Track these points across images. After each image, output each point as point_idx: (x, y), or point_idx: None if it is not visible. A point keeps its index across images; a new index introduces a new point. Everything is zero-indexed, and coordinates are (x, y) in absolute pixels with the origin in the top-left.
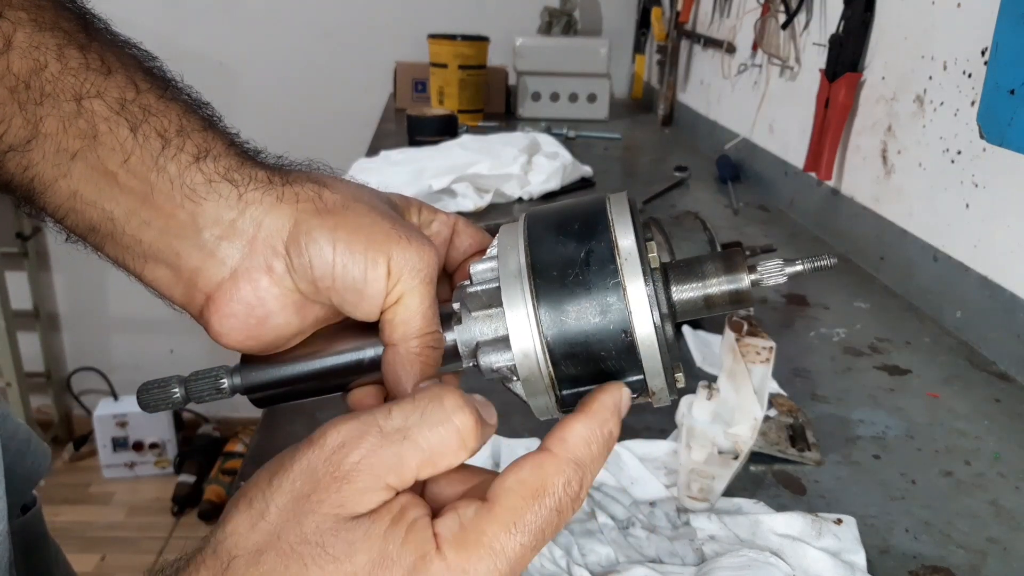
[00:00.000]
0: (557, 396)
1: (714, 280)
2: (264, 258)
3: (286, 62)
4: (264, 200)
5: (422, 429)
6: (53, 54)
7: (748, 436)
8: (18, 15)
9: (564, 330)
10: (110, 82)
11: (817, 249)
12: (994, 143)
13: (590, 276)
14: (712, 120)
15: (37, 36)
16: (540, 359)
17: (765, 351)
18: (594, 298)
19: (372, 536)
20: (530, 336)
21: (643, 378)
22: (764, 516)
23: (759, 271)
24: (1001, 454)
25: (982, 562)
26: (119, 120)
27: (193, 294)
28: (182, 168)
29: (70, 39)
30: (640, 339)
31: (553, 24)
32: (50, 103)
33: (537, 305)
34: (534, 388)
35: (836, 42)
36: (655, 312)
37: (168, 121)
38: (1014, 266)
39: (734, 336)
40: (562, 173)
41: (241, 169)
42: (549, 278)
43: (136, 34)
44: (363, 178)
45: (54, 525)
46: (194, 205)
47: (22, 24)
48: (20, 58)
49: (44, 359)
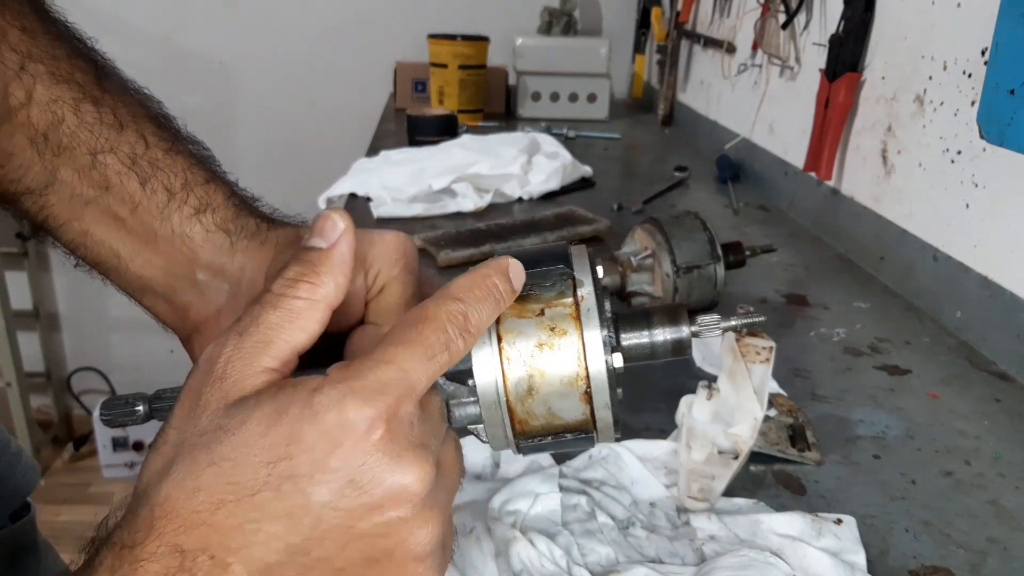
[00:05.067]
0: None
1: (659, 330)
2: (246, 299)
3: (286, 62)
4: (250, 247)
5: (266, 311)
6: (70, 108)
7: (748, 436)
8: (37, 67)
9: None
10: (122, 137)
11: (816, 249)
12: (994, 143)
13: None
14: (712, 120)
15: (55, 89)
16: (510, 441)
17: (765, 351)
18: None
19: (262, 401)
20: (503, 434)
21: (591, 413)
22: (764, 516)
23: (698, 324)
24: (1001, 454)
25: (982, 562)
26: (130, 174)
27: (184, 323)
28: (184, 219)
29: (84, 92)
30: (592, 375)
31: (553, 24)
32: (67, 155)
33: (512, 414)
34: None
35: (836, 42)
36: (607, 353)
37: (174, 175)
38: (1014, 266)
39: (734, 336)
40: (562, 173)
41: (236, 220)
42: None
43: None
44: (363, 178)
45: (54, 525)
46: (192, 252)
47: (41, 77)
48: (40, 111)
49: (44, 359)
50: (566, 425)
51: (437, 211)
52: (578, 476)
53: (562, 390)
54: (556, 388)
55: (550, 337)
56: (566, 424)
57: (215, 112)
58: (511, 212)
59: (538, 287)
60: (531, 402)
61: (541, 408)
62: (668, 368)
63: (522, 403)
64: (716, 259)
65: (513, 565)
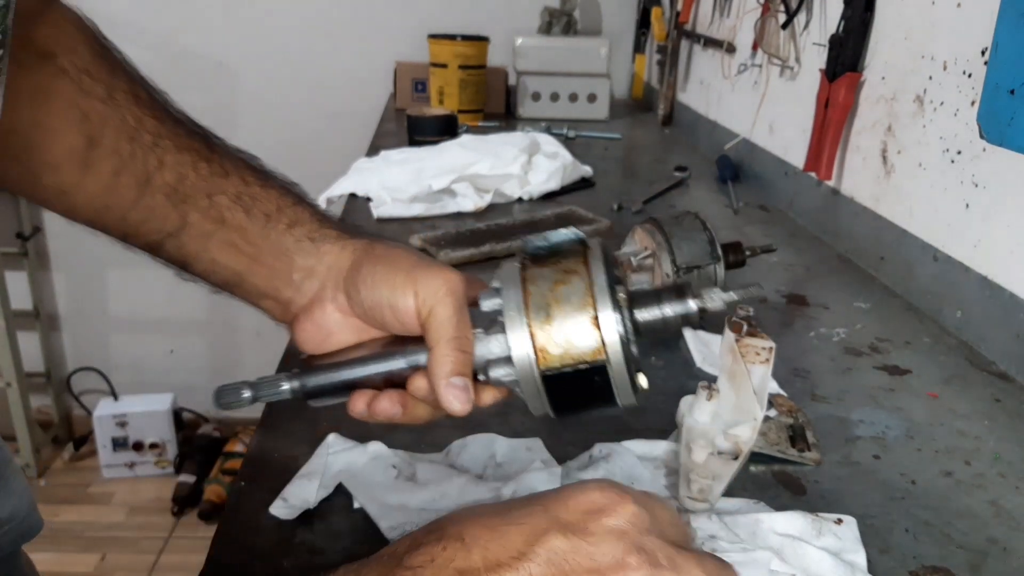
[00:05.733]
0: (548, 398)
1: (668, 306)
2: (331, 291)
3: (286, 62)
4: (332, 251)
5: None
6: (190, 167)
7: (748, 436)
8: (165, 143)
9: (554, 356)
10: (228, 182)
11: (816, 249)
12: (994, 143)
13: (572, 304)
14: (712, 120)
15: (179, 155)
16: (535, 372)
17: (765, 351)
18: (577, 321)
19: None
20: (527, 355)
21: (612, 388)
22: (764, 516)
23: (703, 298)
24: (1001, 454)
25: (982, 562)
26: (236, 208)
27: (287, 315)
28: (279, 235)
29: (199, 155)
30: (612, 359)
31: (553, 24)
32: (191, 201)
33: (534, 340)
34: (530, 392)
35: (836, 42)
36: (622, 333)
37: (269, 203)
38: (1014, 266)
39: (734, 336)
40: (562, 173)
41: (319, 231)
42: (542, 318)
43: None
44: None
45: (54, 525)
46: (288, 259)
47: (169, 149)
48: (170, 172)
49: (44, 359)
50: (582, 354)
51: (437, 211)
52: (579, 476)
53: (574, 315)
54: (568, 313)
55: (564, 276)
56: (582, 352)
57: (215, 112)
58: (511, 212)
59: (556, 254)
60: (549, 328)
61: (558, 333)
62: (668, 368)
63: (541, 327)
64: (716, 259)
65: None
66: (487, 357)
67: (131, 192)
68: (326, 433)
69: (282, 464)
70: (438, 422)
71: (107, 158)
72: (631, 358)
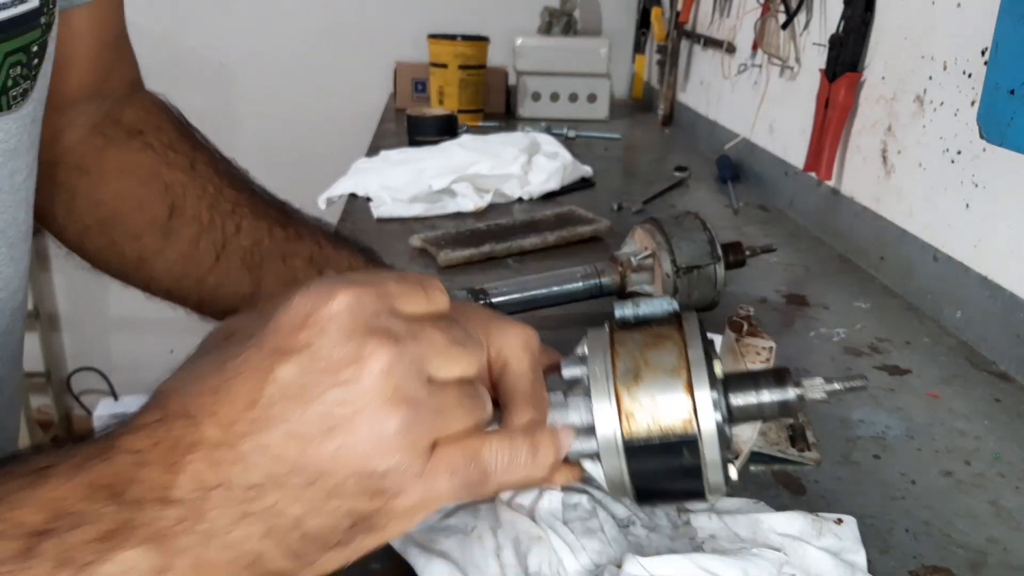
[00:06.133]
0: (630, 473)
1: (766, 392)
2: None
3: (286, 62)
4: None
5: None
6: (265, 233)
7: (748, 436)
8: (243, 210)
9: (641, 425)
10: (301, 244)
11: (816, 249)
12: (994, 143)
13: (664, 380)
14: (712, 120)
15: (255, 222)
16: (618, 439)
17: (765, 351)
18: (668, 385)
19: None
20: (611, 420)
21: (702, 470)
22: (764, 515)
23: (803, 387)
24: (1001, 454)
25: (982, 562)
26: (311, 268)
27: None
28: None
29: (275, 221)
30: (704, 434)
31: (553, 24)
32: (267, 264)
33: (620, 402)
34: (611, 465)
35: (836, 42)
36: (718, 412)
37: (342, 262)
38: (1014, 266)
39: (734, 336)
40: (562, 173)
41: None
42: (629, 380)
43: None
44: (363, 178)
45: None
46: None
47: (246, 215)
48: (247, 237)
49: (44, 359)
50: (672, 425)
51: (437, 211)
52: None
53: (665, 379)
54: (659, 377)
55: (656, 340)
56: (672, 424)
57: (215, 112)
58: (511, 212)
59: (649, 321)
60: (636, 390)
61: (646, 397)
62: None
63: (628, 390)
64: (716, 259)
65: (530, 564)
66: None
67: (209, 258)
68: None
69: None
70: None
71: (187, 225)
72: (725, 438)
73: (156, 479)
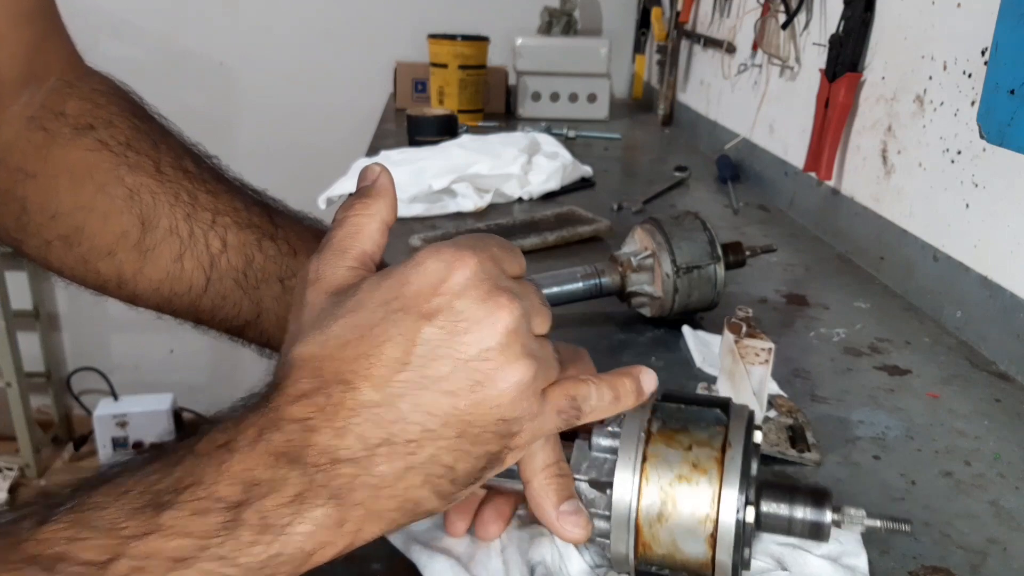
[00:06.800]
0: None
1: (800, 508)
2: None
3: (286, 62)
4: None
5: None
6: (255, 247)
7: None
8: (225, 219)
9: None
10: (298, 261)
11: (816, 249)
12: (994, 143)
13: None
14: (712, 120)
15: (242, 235)
16: (630, 560)
17: (764, 352)
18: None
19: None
20: (625, 552)
21: (712, 560)
22: None
23: (842, 513)
24: (1001, 454)
25: (982, 562)
26: None
27: None
28: None
29: (263, 232)
30: (721, 524)
31: (553, 24)
32: (264, 286)
33: (639, 534)
34: (618, 558)
35: (836, 42)
36: (742, 508)
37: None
38: (1014, 266)
39: (733, 338)
40: (562, 173)
41: None
42: (652, 516)
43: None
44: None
45: None
46: None
47: (229, 227)
48: (235, 255)
49: (44, 359)
50: (686, 562)
51: (437, 211)
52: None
53: (690, 526)
54: (685, 522)
55: (691, 472)
56: (686, 561)
57: (215, 112)
58: (511, 212)
59: (692, 424)
60: (659, 528)
61: (667, 537)
62: (668, 368)
63: (650, 526)
64: (716, 259)
65: (532, 557)
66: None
67: (199, 279)
68: None
69: None
70: None
71: (166, 241)
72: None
73: (327, 442)
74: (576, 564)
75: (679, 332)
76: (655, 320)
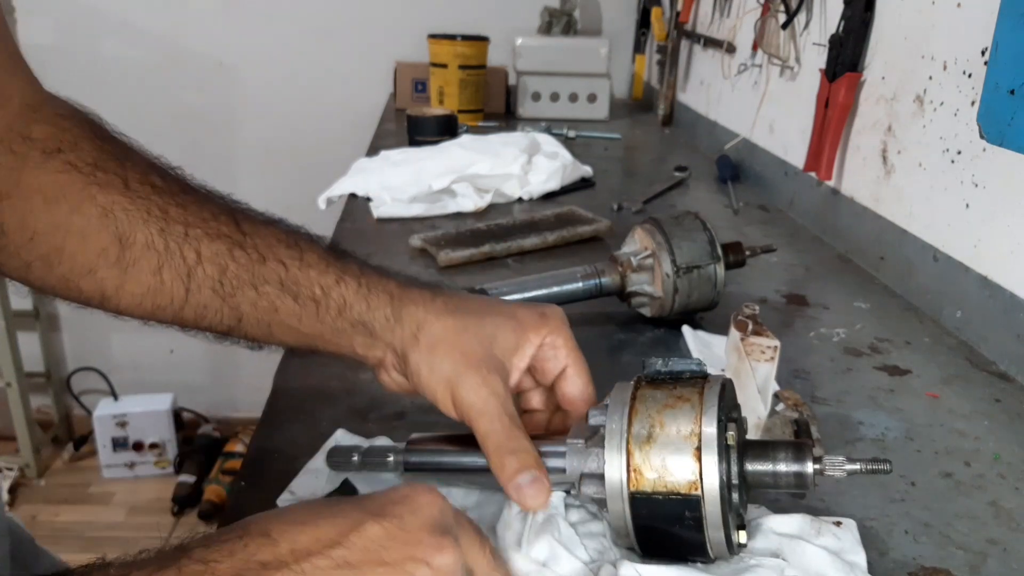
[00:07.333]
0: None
1: (783, 463)
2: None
3: (286, 62)
4: (389, 321)
5: None
6: (228, 257)
7: (751, 435)
8: (196, 231)
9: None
10: (267, 268)
11: (816, 249)
12: (994, 143)
13: (674, 444)
14: (712, 120)
15: (213, 245)
16: (624, 491)
17: (770, 350)
18: (677, 447)
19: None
20: (619, 472)
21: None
22: (763, 518)
23: (823, 463)
24: (1001, 454)
25: (982, 563)
26: (284, 295)
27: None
28: (333, 320)
29: (232, 241)
30: (707, 496)
31: (553, 24)
32: (240, 294)
33: (630, 458)
34: (616, 514)
35: (836, 42)
36: (724, 478)
37: (312, 286)
38: (1014, 266)
39: (739, 335)
40: (562, 173)
41: (369, 311)
42: (642, 440)
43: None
44: (363, 178)
45: (54, 525)
46: (348, 338)
47: (201, 238)
48: (210, 265)
49: (44, 359)
50: (676, 485)
51: (437, 211)
52: None
53: (677, 443)
54: (672, 440)
55: (675, 401)
56: (676, 484)
57: (215, 112)
58: (511, 212)
59: (675, 377)
60: (648, 449)
61: (656, 459)
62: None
63: (640, 448)
64: (716, 259)
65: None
66: (582, 471)
67: (179, 291)
68: (327, 433)
69: (282, 464)
70: (441, 418)
71: (144, 255)
72: (729, 503)
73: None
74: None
75: (679, 332)
76: (655, 320)
